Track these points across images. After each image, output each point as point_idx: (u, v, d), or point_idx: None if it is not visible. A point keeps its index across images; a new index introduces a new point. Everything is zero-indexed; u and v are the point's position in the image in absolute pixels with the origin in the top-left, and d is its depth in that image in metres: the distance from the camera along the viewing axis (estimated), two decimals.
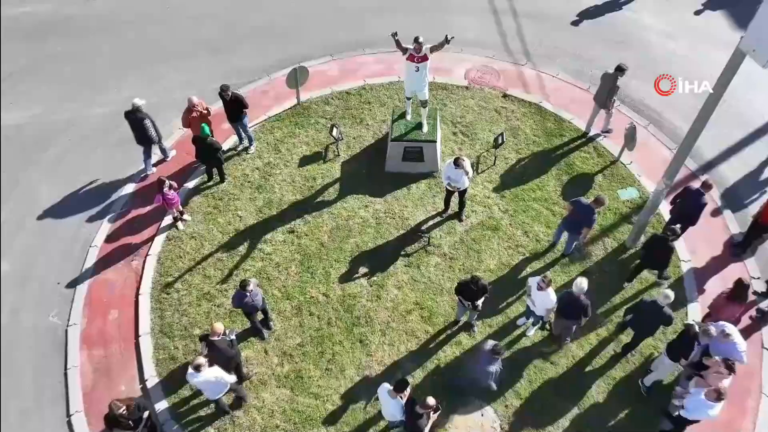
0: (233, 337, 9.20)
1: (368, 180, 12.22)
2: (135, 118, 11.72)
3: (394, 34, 10.14)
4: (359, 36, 14.79)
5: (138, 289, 11.02)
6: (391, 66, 14.09)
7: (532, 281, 9.30)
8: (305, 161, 12.58)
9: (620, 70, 11.49)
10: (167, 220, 11.82)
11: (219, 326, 8.96)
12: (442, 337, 10.24)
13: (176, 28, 15.19)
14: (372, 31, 14.73)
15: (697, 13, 15.11)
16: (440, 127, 12.47)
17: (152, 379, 10.01)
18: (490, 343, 8.84)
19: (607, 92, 11.72)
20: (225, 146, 12.74)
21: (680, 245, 11.00)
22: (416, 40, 10.22)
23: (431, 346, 10.16)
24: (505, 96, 13.50)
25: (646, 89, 12.88)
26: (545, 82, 13.77)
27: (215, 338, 8.90)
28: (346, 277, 10.96)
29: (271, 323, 10.37)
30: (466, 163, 10.49)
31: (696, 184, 10.37)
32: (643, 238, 10.96)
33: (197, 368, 8.38)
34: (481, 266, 10.95)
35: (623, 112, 13.09)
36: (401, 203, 11.87)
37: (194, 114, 11.61)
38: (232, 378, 8.93)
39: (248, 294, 9.32)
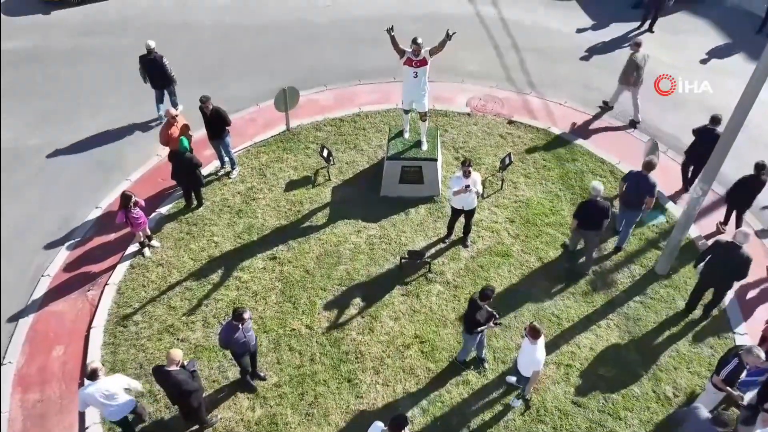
0: (195, 368, 7.54)
1: (361, 205, 10.97)
2: (153, 58, 11.94)
3: (390, 29, 9.26)
4: (354, 67, 14.11)
5: (91, 322, 9.45)
6: (387, 95, 13.27)
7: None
8: (292, 186, 11.39)
9: (637, 45, 11.78)
10: (132, 248, 10.44)
11: (177, 353, 7.36)
12: (446, 375, 8.54)
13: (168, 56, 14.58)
14: (367, 63, 14.09)
15: (705, 61, 14.39)
16: (441, 152, 11.41)
17: (95, 427, 8.21)
18: (706, 410, 6.55)
19: (634, 69, 11.72)
20: (205, 171, 11.59)
21: None
22: (414, 41, 9.35)
23: (433, 385, 8.44)
24: (510, 122, 12.56)
25: (661, 116, 12.02)
26: (552, 109, 12.90)
27: (172, 368, 7.28)
28: (334, 308, 9.42)
29: (263, 374, 8.63)
30: (477, 176, 9.37)
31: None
32: (675, 261, 9.58)
33: (92, 375, 6.85)
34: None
35: (637, 136, 12.18)
36: (398, 229, 10.55)
37: (174, 128, 10.57)
38: (137, 385, 7.59)
39: (240, 327, 7.63)
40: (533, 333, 7.11)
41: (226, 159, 11.57)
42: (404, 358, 8.74)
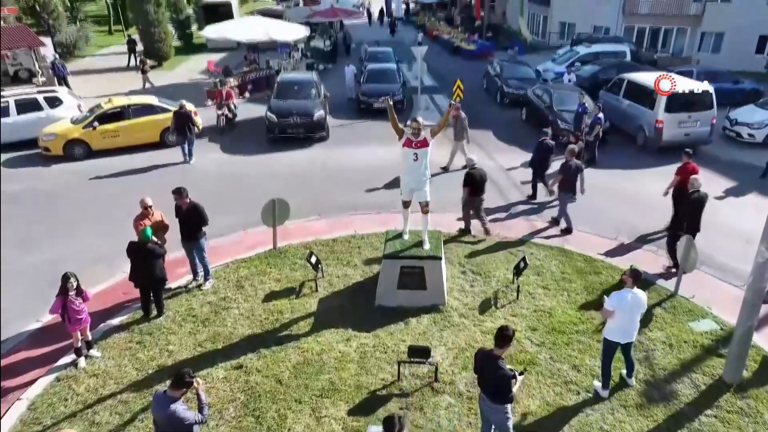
0: None
1: (353, 314, 9.21)
2: (184, 112, 15.70)
3: (389, 98, 8.71)
4: (350, 204, 13.42)
5: None
6: (385, 222, 12.26)
7: None
8: (273, 297, 9.74)
9: (457, 109, 15.15)
10: (66, 359, 8.41)
11: None
12: None
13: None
14: (362, 200, 13.50)
15: (721, 198, 13.81)
16: (446, 264, 10.03)
17: None
18: None
19: (462, 129, 15.19)
20: (174, 284, 10.08)
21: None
22: (414, 119, 8.72)
23: None
24: (521, 242, 11.40)
25: None
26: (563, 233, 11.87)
27: None
28: (311, 423, 7.10)
29: None
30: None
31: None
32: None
33: None
34: (518, 407, 7.20)
35: (660, 254, 11.00)
36: (396, 337, 8.64)
37: (147, 219, 9.37)
38: None
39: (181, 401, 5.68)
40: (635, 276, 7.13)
41: (200, 269, 10.13)
42: None
